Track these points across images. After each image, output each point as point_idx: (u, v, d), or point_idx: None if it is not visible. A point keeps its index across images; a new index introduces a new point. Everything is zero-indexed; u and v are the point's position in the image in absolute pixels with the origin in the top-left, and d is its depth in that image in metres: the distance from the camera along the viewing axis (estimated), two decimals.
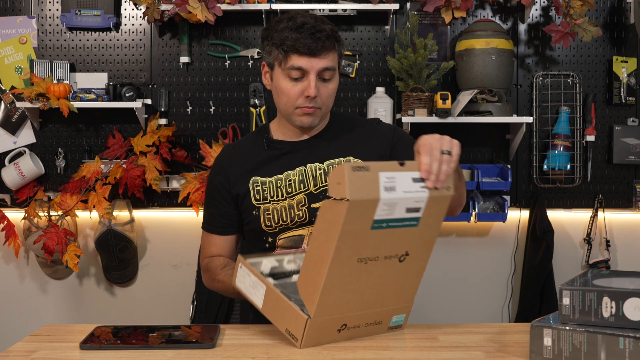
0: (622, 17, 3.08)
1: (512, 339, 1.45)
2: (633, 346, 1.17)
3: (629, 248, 3.13)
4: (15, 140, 3.11)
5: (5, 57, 3.07)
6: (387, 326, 1.48)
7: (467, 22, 3.07)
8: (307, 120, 1.72)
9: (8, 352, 1.36)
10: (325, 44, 1.66)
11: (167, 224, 3.17)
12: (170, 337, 1.44)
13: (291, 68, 1.67)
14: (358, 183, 1.24)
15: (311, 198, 1.73)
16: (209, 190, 1.85)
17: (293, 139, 1.80)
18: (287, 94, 1.70)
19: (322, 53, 1.66)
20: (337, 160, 1.76)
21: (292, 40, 1.65)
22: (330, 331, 1.39)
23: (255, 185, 1.76)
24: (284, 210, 1.73)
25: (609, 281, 1.30)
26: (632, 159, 3.07)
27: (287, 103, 1.71)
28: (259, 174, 1.77)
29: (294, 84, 1.69)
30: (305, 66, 1.66)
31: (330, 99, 1.74)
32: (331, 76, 1.70)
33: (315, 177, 1.75)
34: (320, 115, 1.74)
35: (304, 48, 1.64)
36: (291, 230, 1.74)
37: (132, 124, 3.08)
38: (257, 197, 1.75)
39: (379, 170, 1.27)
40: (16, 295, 3.18)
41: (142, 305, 3.16)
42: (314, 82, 1.67)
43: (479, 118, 2.89)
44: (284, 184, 1.74)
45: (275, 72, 1.72)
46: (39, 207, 3.00)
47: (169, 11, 2.87)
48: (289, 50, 1.66)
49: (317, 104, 1.70)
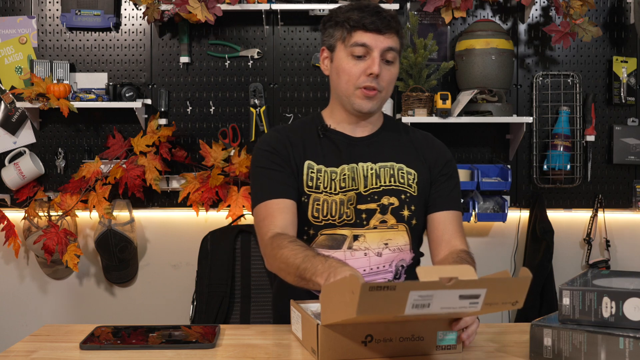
0: (622, 17, 3.08)
1: (512, 339, 1.45)
2: (633, 346, 1.17)
3: (629, 248, 3.13)
4: (15, 140, 3.11)
5: (5, 57, 3.07)
6: (433, 344, 1.30)
7: (467, 22, 3.07)
8: (366, 105, 1.67)
9: (8, 352, 1.36)
10: (390, 23, 1.64)
11: (167, 224, 3.16)
12: (170, 337, 1.44)
13: (355, 45, 1.63)
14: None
15: (360, 198, 1.67)
16: (260, 159, 1.70)
17: (348, 131, 1.74)
18: (348, 73, 1.65)
19: (387, 32, 1.63)
20: (389, 163, 1.72)
21: (358, 17, 1.62)
22: (354, 343, 1.26)
23: (310, 171, 1.68)
24: (334, 205, 1.66)
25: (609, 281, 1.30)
26: (632, 159, 3.07)
27: (348, 82, 1.66)
28: (315, 160, 1.70)
29: (356, 62, 1.64)
30: (369, 43, 1.62)
31: (390, 84, 1.69)
32: (394, 59, 1.66)
33: (366, 177, 1.69)
34: (380, 101, 1.69)
35: (370, 24, 1.62)
36: (336, 227, 1.66)
37: (132, 124, 3.07)
38: (310, 184, 1.67)
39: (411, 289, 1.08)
40: (16, 295, 3.18)
41: (142, 305, 3.15)
42: (377, 59, 1.62)
43: (479, 118, 2.89)
44: (338, 177, 1.68)
45: (337, 52, 1.67)
46: (39, 207, 3.00)
47: (169, 11, 2.86)
48: (354, 26, 1.63)
49: (379, 86, 1.65)
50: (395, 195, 1.69)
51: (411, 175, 1.72)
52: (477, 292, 1.12)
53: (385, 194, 1.69)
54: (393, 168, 1.71)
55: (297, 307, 1.42)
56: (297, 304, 1.44)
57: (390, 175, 1.71)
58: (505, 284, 1.15)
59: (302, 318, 1.37)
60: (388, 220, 1.68)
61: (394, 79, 1.69)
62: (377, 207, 1.68)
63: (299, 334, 1.40)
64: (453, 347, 1.32)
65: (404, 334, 1.28)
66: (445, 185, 1.75)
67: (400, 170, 1.72)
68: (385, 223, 1.68)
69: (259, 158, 1.71)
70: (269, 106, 3.07)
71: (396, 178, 1.71)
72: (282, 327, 1.55)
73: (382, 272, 1.68)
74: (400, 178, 1.71)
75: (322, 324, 1.26)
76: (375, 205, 1.68)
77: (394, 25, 1.65)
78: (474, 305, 1.13)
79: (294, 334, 1.45)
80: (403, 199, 1.69)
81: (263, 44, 3.08)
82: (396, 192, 1.70)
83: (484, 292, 1.12)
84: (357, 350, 1.26)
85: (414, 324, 1.28)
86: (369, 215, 1.68)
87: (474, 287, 1.11)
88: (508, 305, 1.17)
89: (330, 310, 1.22)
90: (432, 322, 1.29)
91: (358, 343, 1.26)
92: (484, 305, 1.14)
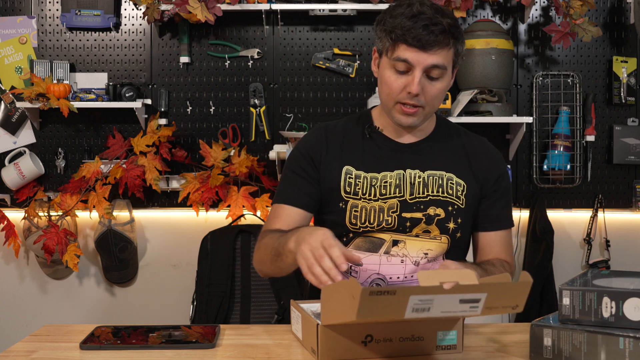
0: (622, 17, 3.08)
1: (512, 339, 1.45)
2: (633, 346, 1.17)
3: (629, 248, 3.13)
4: (15, 140, 3.10)
5: (5, 57, 3.07)
6: (433, 344, 1.30)
7: (467, 22, 3.07)
8: (405, 120, 1.60)
9: (8, 352, 1.36)
10: (438, 38, 1.52)
11: (167, 224, 3.16)
12: (170, 337, 1.44)
13: (397, 59, 1.54)
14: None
15: (404, 206, 1.63)
16: (293, 162, 1.70)
17: (393, 136, 1.69)
18: (389, 86, 1.58)
19: (433, 48, 1.52)
20: (438, 172, 1.66)
21: (403, 30, 1.52)
22: (354, 343, 1.26)
23: (348, 177, 1.65)
24: (373, 212, 1.62)
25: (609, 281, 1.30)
26: (632, 159, 3.07)
27: (389, 95, 1.60)
28: (354, 165, 1.66)
29: (398, 77, 1.56)
30: (411, 59, 1.53)
31: (436, 99, 1.60)
32: (440, 75, 1.57)
33: (413, 184, 1.64)
34: (423, 116, 1.61)
35: (413, 40, 1.51)
36: (374, 232, 1.63)
37: (132, 124, 3.07)
38: (348, 190, 1.64)
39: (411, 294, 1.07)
40: (16, 295, 3.18)
41: (142, 305, 3.15)
42: (418, 78, 1.54)
43: (479, 118, 2.89)
44: (379, 183, 1.63)
45: (383, 60, 1.60)
46: (39, 207, 3.00)
47: (169, 11, 2.86)
48: (397, 40, 1.53)
49: (420, 103, 1.57)
50: (442, 206, 1.64)
51: (460, 186, 1.66)
52: (478, 297, 1.12)
53: (432, 204, 1.64)
54: (442, 178, 1.66)
55: (297, 307, 1.42)
56: (298, 304, 1.43)
57: (439, 185, 1.65)
58: (506, 289, 1.16)
59: (302, 318, 1.36)
60: (432, 230, 1.64)
61: (440, 93, 1.60)
62: (422, 216, 1.63)
63: (299, 334, 1.40)
64: (453, 347, 1.32)
65: (404, 334, 1.28)
66: (497, 202, 1.70)
67: (450, 181, 1.66)
68: (428, 233, 1.64)
69: (292, 159, 1.72)
70: (269, 106, 3.07)
71: (445, 188, 1.65)
72: (282, 327, 1.55)
73: (416, 281, 1.60)
74: (449, 189, 1.66)
75: (322, 324, 1.25)
76: (421, 214, 1.63)
77: (443, 39, 1.52)
78: (474, 309, 1.13)
79: (294, 333, 1.45)
80: (450, 211, 1.64)
81: (263, 44, 3.08)
82: (443, 203, 1.64)
83: (484, 297, 1.12)
84: (357, 350, 1.26)
85: (415, 324, 1.28)
86: (413, 224, 1.63)
87: (474, 292, 1.11)
88: (508, 309, 1.17)
89: (330, 311, 1.22)
90: (433, 322, 1.30)
91: (358, 343, 1.26)
92: (484, 309, 1.14)
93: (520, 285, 1.14)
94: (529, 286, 1.15)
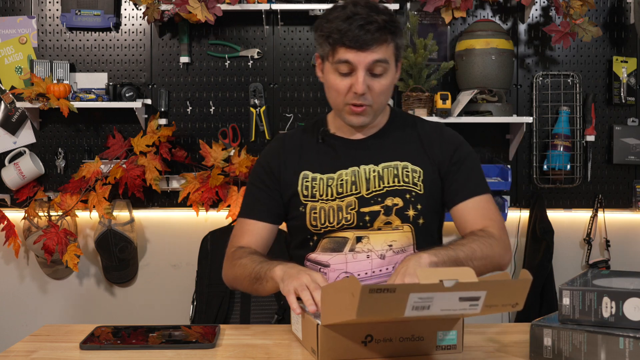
0: (622, 17, 3.08)
1: (512, 339, 1.45)
2: (633, 346, 1.17)
3: (629, 248, 3.13)
4: (15, 140, 3.11)
5: (5, 57, 3.07)
6: (433, 344, 1.30)
7: (467, 22, 3.07)
8: (356, 120, 1.63)
9: (8, 352, 1.36)
10: (375, 36, 1.53)
11: (167, 224, 3.16)
12: (170, 337, 1.44)
13: (338, 62, 1.56)
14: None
15: (362, 202, 1.64)
16: (254, 175, 1.74)
17: (348, 135, 1.71)
18: (335, 89, 1.60)
19: (372, 47, 1.54)
20: (393, 163, 1.67)
21: (340, 33, 1.54)
22: (354, 343, 1.25)
23: (305, 180, 1.68)
24: (331, 212, 1.64)
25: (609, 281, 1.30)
26: (632, 159, 3.07)
27: (337, 99, 1.62)
28: (310, 169, 1.68)
29: (342, 79, 1.58)
30: (353, 60, 1.55)
31: (382, 95, 1.61)
32: (384, 71, 1.58)
33: (368, 179, 1.65)
34: (372, 114, 1.64)
35: (351, 42, 1.53)
36: (336, 231, 1.65)
37: (132, 124, 3.07)
38: (305, 194, 1.67)
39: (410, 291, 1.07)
40: (16, 295, 3.18)
41: (142, 305, 3.15)
42: (362, 77, 1.55)
43: (479, 118, 2.89)
44: (335, 183, 1.65)
45: (326, 65, 1.62)
46: (39, 207, 3.00)
47: (169, 11, 2.86)
48: (335, 43, 1.55)
49: (367, 101, 1.59)
50: (399, 195, 1.65)
51: (417, 173, 1.67)
52: (477, 294, 1.12)
53: (389, 195, 1.65)
54: (397, 167, 1.67)
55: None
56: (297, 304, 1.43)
57: (394, 175, 1.66)
58: (506, 286, 1.16)
59: (302, 318, 1.37)
60: (393, 221, 1.64)
61: (385, 89, 1.62)
62: (380, 208, 1.65)
63: (299, 334, 1.40)
64: (453, 347, 1.32)
65: (404, 334, 1.27)
66: (458, 174, 1.68)
67: (405, 169, 1.68)
68: (389, 225, 1.65)
69: (253, 173, 1.77)
70: (269, 106, 3.07)
71: (400, 178, 1.66)
72: (282, 327, 1.55)
73: (385, 274, 1.64)
74: (405, 177, 1.67)
75: (322, 324, 1.25)
76: (379, 207, 1.65)
77: (380, 37, 1.54)
78: (473, 307, 1.13)
79: (294, 334, 1.45)
80: (408, 199, 1.65)
81: (263, 44, 3.08)
82: (400, 192, 1.65)
83: (484, 294, 1.12)
84: (357, 350, 1.26)
85: (414, 324, 1.28)
86: (373, 218, 1.64)
87: (474, 290, 1.11)
88: (508, 307, 1.17)
89: (331, 311, 1.22)
90: (432, 322, 1.29)
91: (358, 343, 1.26)
92: (483, 307, 1.14)
93: (520, 282, 1.14)
94: (529, 284, 1.15)
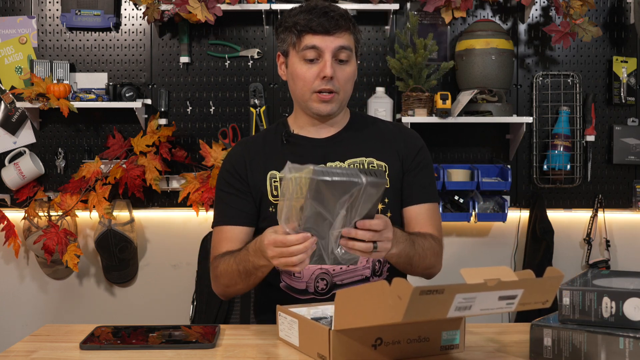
0: (622, 17, 3.08)
1: (512, 339, 1.45)
2: (633, 346, 1.17)
3: (629, 248, 3.13)
4: (15, 140, 3.11)
5: (5, 57, 3.07)
6: (438, 345, 1.31)
7: (467, 22, 3.07)
8: (324, 108, 1.66)
9: (8, 352, 1.36)
10: (339, 22, 1.62)
11: (167, 224, 3.16)
12: (170, 337, 1.44)
13: (305, 48, 1.62)
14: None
15: None
16: (222, 181, 1.74)
17: (312, 134, 1.73)
18: (302, 78, 1.64)
19: (337, 32, 1.62)
20: (358, 159, 1.70)
21: (306, 21, 1.61)
22: (364, 347, 1.25)
23: (273, 181, 1.69)
24: None
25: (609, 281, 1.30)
26: (632, 159, 3.07)
27: (304, 88, 1.65)
28: (277, 169, 1.70)
29: (309, 66, 1.63)
30: (319, 45, 1.61)
31: (348, 83, 1.67)
32: (348, 57, 1.64)
33: None
34: (339, 103, 1.67)
35: (317, 26, 1.60)
36: None
37: (132, 124, 3.07)
38: (275, 194, 1.68)
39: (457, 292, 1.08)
40: (16, 295, 3.18)
41: (142, 305, 3.15)
42: (329, 61, 1.61)
43: (479, 118, 2.89)
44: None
45: (290, 57, 1.67)
46: (39, 207, 3.00)
47: (169, 11, 2.86)
48: (302, 30, 1.62)
49: (335, 87, 1.64)
50: None
51: (382, 167, 1.71)
52: (515, 293, 1.13)
53: None
54: (363, 163, 1.70)
55: (289, 313, 1.39)
56: (287, 309, 1.41)
57: None
58: (540, 284, 1.17)
59: (300, 323, 1.34)
60: None
61: (350, 77, 1.67)
62: None
63: (292, 340, 1.38)
64: (456, 347, 1.33)
65: (412, 335, 1.28)
66: (418, 177, 1.73)
67: (371, 164, 1.70)
68: None
69: (220, 180, 1.76)
70: (269, 106, 3.07)
71: None
72: None
73: (359, 269, 1.67)
74: None
75: (334, 329, 1.24)
76: None
77: (344, 23, 1.63)
78: (509, 306, 1.15)
79: (283, 340, 1.42)
80: None
81: (263, 44, 3.08)
82: None
83: (521, 293, 1.14)
84: (368, 353, 1.26)
85: (422, 325, 1.28)
86: None
87: (513, 288, 1.13)
88: (539, 305, 1.19)
89: (349, 315, 1.20)
90: (438, 323, 1.30)
91: (368, 346, 1.25)
92: (518, 305, 1.16)
93: (553, 280, 1.17)
94: (561, 280, 1.18)
